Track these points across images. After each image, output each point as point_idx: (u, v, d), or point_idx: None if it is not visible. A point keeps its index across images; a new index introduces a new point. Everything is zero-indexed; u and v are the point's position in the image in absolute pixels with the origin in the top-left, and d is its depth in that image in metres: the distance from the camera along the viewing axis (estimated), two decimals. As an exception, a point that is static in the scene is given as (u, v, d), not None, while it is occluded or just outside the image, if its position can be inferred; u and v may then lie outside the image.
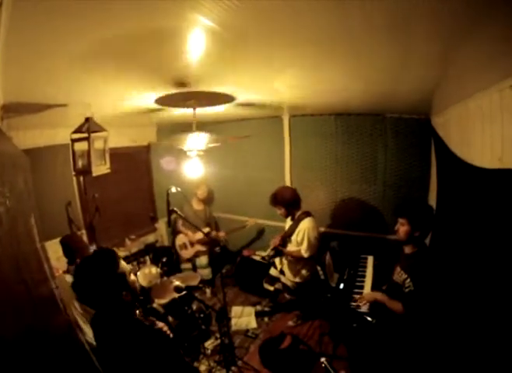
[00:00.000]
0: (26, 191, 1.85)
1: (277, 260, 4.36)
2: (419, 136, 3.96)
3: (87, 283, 1.63)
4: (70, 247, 3.01)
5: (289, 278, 4.16)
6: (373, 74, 2.21)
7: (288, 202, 3.94)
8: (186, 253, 5.23)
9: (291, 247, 4.05)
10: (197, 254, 5.22)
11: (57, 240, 3.11)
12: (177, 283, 2.91)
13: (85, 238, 4.34)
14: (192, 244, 5.20)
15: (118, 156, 4.56)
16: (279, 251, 4.13)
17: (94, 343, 2.76)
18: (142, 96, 2.69)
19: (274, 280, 4.50)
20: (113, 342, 1.64)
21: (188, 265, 5.28)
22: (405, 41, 1.49)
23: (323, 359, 2.48)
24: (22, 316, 1.24)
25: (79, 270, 1.67)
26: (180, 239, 5.24)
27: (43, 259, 1.95)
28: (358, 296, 3.04)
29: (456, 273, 2.29)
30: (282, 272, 4.27)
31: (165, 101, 2.83)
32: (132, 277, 1.79)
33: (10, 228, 1.30)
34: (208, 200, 5.62)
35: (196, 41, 1.46)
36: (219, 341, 3.58)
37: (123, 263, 1.74)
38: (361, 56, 1.79)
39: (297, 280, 4.09)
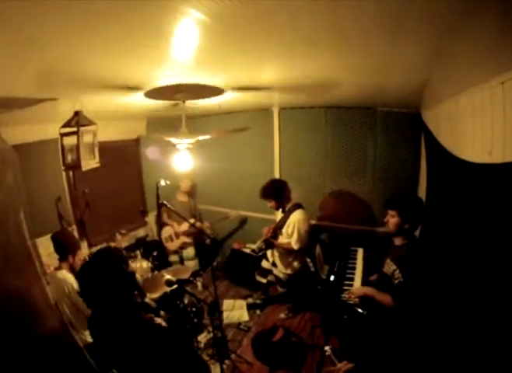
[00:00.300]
0: (15, 186, 1.82)
1: (269, 252, 4.39)
2: (410, 130, 3.99)
3: (98, 284, 1.52)
4: (61, 243, 2.98)
5: (281, 270, 4.19)
6: (364, 69, 2.22)
7: (278, 194, 3.95)
8: (172, 245, 5.27)
9: (282, 239, 4.08)
10: (183, 246, 5.29)
11: (48, 236, 3.08)
12: (168, 276, 2.90)
13: (75, 233, 4.31)
14: (178, 236, 5.24)
15: (108, 150, 4.52)
16: (270, 243, 4.15)
17: (88, 340, 2.77)
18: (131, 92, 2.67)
19: (266, 272, 4.52)
20: (124, 342, 1.55)
21: (175, 257, 5.33)
22: (395, 37, 1.49)
23: (327, 347, 2.48)
24: (13, 314, 1.23)
25: (88, 271, 1.57)
26: (166, 232, 5.28)
27: (34, 255, 1.93)
28: (347, 291, 3.06)
29: (444, 265, 2.32)
30: (274, 264, 4.31)
31: (154, 94, 2.80)
32: (138, 275, 1.71)
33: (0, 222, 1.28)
34: (191, 193, 5.68)
35: (186, 34, 1.44)
36: (211, 335, 3.59)
37: (130, 263, 1.68)
38: (352, 52, 1.79)
39: (289, 272, 4.12)
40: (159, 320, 1.94)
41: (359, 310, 2.81)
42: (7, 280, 1.24)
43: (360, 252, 3.93)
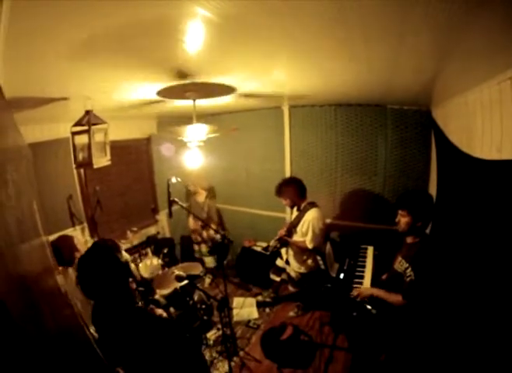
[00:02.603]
0: (28, 178, 1.83)
1: (283, 250, 4.38)
2: (420, 127, 3.97)
3: (94, 273, 1.63)
4: (62, 254, 2.95)
5: (293, 269, 4.18)
6: (371, 68, 2.21)
7: (293, 192, 3.95)
8: (194, 238, 5.43)
9: (296, 238, 4.06)
10: (198, 241, 5.35)
11: (60, 234, 3.11)
12: (177, 272, 2.92)
13: (87, 231, 4.38)
14: (194, 232, 5.37)
15: (119, 149, 4.58)
16: (284, 241, 4.15)
17: (95, 335, 2.80)
18: (143, 89, 2.69)
19: (280, 270, 4.51)
20: (122, 331, 1.65)
21: (197, 248, 5.44)
22: (401, 34, 1.48)
23: None
24: (28, 304, 1.24)
25: (84, 262, 1.67)
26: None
27: (47, 249, 1.94)
28: (355, 290, 3.04)
29: (457, 262, 2.30)
30: (287, 262, 4.30)
31: (166, 93, 2.83)
32: (132, 265, 1.82)
33: (16, 200, 1.28)
34: (210, 194, 5.61)
35: (196, 32, 1.45)
36: (220, 332, 3.61)
37: (124, 252, 1.78)
38: (359, 49, 1.79)
39: (302, 270, 4.10)
40: (159, 311, 1.98)
41: (368, 307, 2.80)
42: (19, 260, 1.24)
43: (370, 250, 3.92)
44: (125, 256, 1.77)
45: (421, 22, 1.31)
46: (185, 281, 2.96)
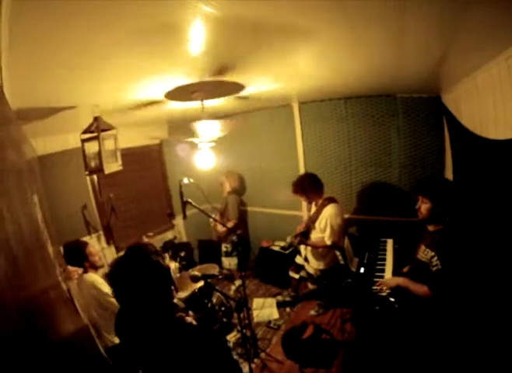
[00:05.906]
0: (29, 169, 1.77)
1: (302, 247, 4.33)
2: (431, 114, 3.89)
3: (134, 278, 1.43)
4: (73, 255, 2.94)
5: (312, 266, 4.14)
6: (375, 57, 2.18)
7: (308, 189, 3.92)
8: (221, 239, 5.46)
9: (315, 234, 4.02)
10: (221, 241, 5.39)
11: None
12: (192, 272, 2.90)
13: (103, 238, 4.41)
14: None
15: (132, 156, 4.62)
16: (301, 241, 4.10)
17: (115, 341, 2.80)
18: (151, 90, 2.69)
19: (299, 268, 4.48)
20: (161, 342, 1.46)
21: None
22: (401, 19, 1.45)
23: None
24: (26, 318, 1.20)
25: (121, 267, 1.49)
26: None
27: (53, 255, 1.90)
28: (379, 281, 2.97)
29: (482, 249, 2.23)
30: (306, 259, 4.26)
31: (173, 95, 2.82)
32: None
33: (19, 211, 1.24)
34: (234, 193, 5.57)
35: (205, 31, 1.45)
36: (240, 334, 3.58)
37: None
38: (362, 41, 1.78)
39: (321, 267, 4.05)
40: (189, 319, 1.92)
41: (391, 299, 2.73)
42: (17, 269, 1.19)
43: (390, 243, 3.83)
44: (166, 262, 1.59)
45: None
46: (201, 281, 2.93)
